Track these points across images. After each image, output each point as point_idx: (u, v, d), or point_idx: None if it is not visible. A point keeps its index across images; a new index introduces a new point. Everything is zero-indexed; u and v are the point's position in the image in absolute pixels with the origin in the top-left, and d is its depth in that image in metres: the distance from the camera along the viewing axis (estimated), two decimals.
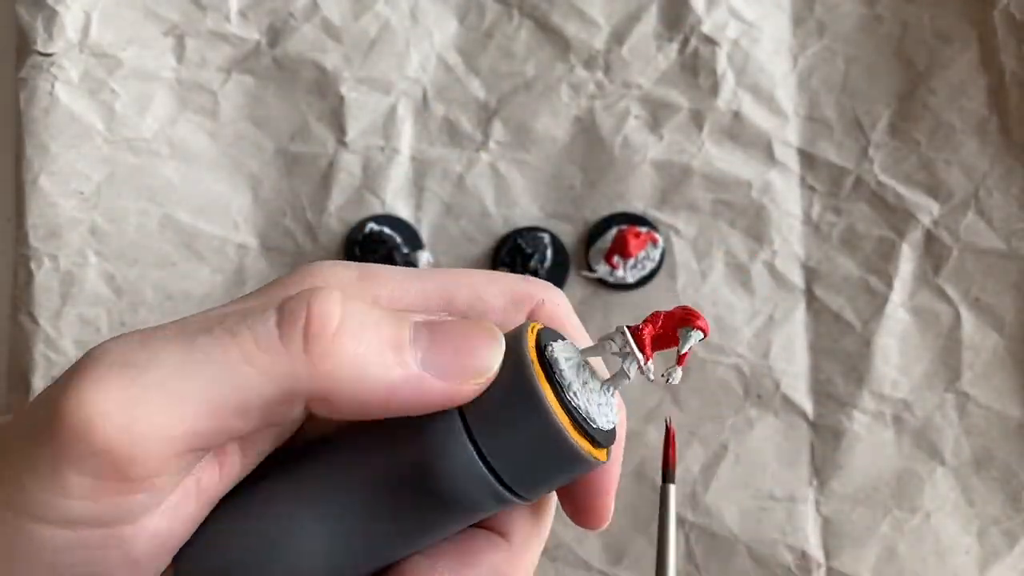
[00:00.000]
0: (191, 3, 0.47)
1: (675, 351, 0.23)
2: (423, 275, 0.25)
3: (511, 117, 0.47)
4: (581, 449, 0.22)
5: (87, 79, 0.46)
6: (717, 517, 0.45)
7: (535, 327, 0.24)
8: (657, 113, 0.46)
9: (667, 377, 0.23)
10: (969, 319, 0.45)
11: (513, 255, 0.45)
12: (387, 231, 0.45)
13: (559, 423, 0.22)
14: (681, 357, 0.23)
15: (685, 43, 0.46)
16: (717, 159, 0.46)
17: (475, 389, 0.23)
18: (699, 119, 0.46)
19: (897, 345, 0.45)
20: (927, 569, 0.44)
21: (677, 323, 0.23)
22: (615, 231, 0.45)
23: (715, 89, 0.46)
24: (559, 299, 0.26)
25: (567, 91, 0.47)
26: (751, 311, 0.46)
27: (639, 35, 0.47)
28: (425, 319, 0.23)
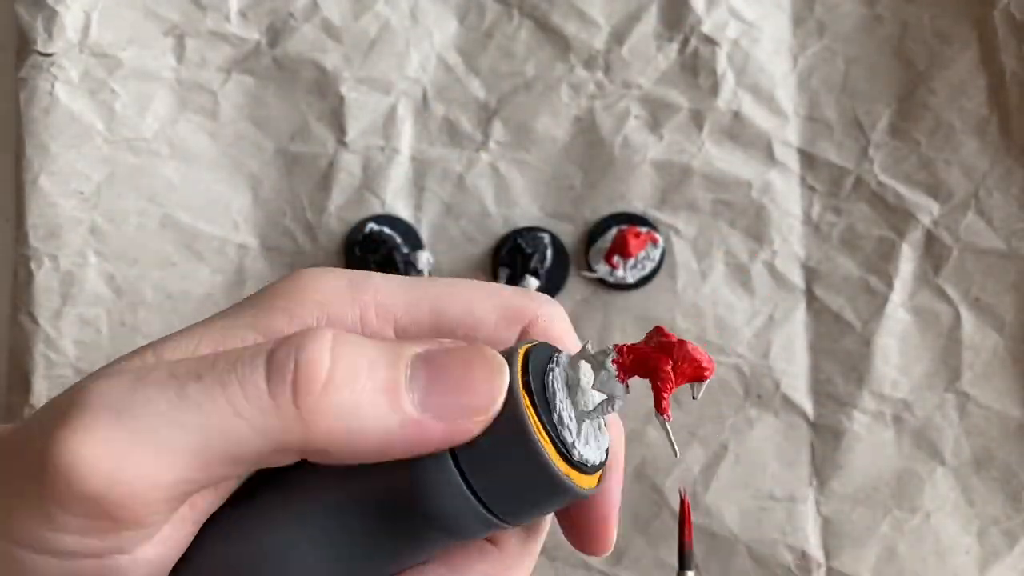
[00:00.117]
0: (191, 3, 0.47)
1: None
2: (415, 284, 0.24)
3: (511, 117, 0.47)
4: (569, 480, 0.22)
5: (87, 79, 0.46)
6: (717, 517, 0.45)
7: (525, 349, 0.23)
8: (657, 113, 0.46)
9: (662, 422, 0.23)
10: (969, 319, 0.45)
11: (513, 255, 0.45)
12: (387, 231, 0.45)
13: (546, 456, 0.21)
14: (664, 406, 0.22)
15: (685, 43, 0.46)
16: (717, 159, 0.46)
17: (477, 428, 0.22)
18: (699, 119, 0.46)
19: (897, 345, 0.45)
20: (927, 569, 0.44)
21: (687, 372, 0.22)
22: (615, 231, 0.45)
23: (715, 89, 0.46)
24: (556, 314, 0.25)
25: (567, 91, 0.47)
26: (751, 311, 0.46)
27: (639, 35, 0.47)
28: (424, 350, 0.22)
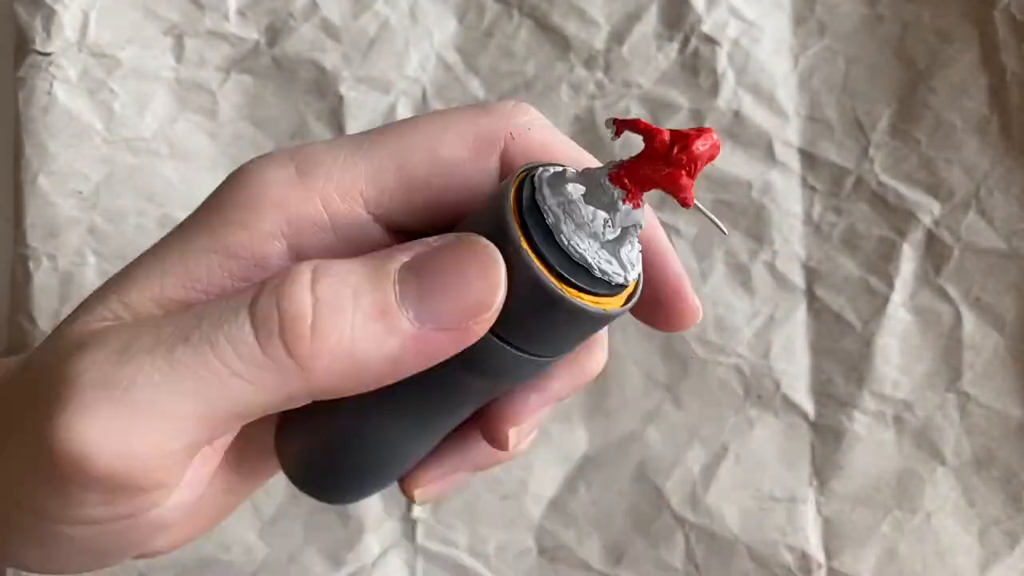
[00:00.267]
0: (190, 3, 0.46)
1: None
2: (368, 146, 0.23)
3: None
4: (593, 308, 0.21)
5: (86, 78, 0.46)
6: (717, 518, 0.45)
7: (518, 180, 0.21)
8: (657, 113, 0.46)
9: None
10: (970, 319, 0.45)
11: None
12: None
13: (561, 294, 0.20)
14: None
15: (685, 43, 0.46)
16: (717, 159, 0.46)
17: (484, 327, 0.21)
18: (699, 119, 0.46)
19: (898, 345, 0.45)
20: (928, 569, 0.44)
21: (700, 161, 0.20)
22: None
23: (715, 89, 0.46)
24: (531, 120, 0.24)
25: (567, 90, 0.46)
26: (751, 311, 0.45)
27: (639, 34, 0.47)
28: (410, 257, 0.21)
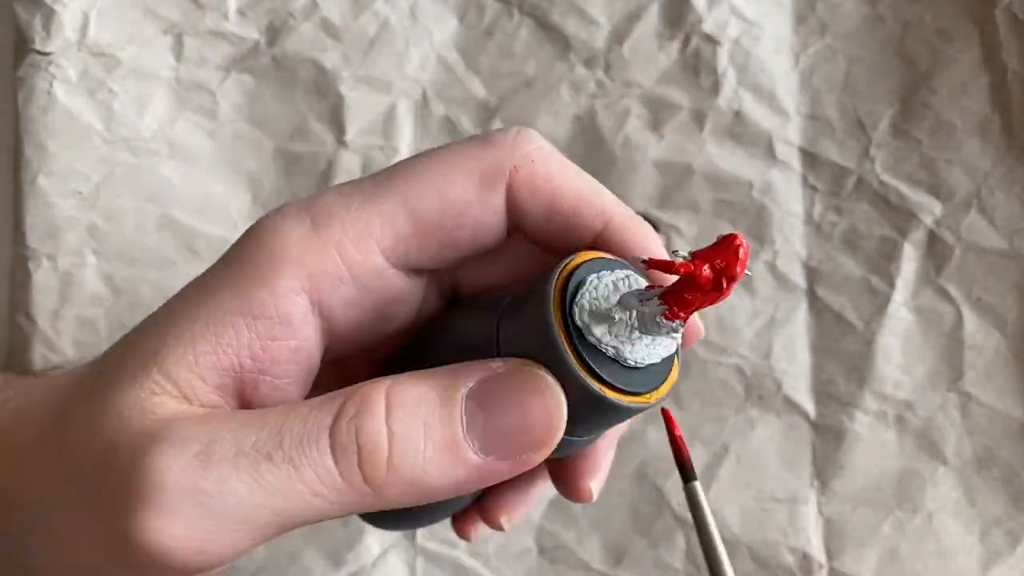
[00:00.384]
0: (190, 2, 0.46)
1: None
2: (378, 194, 0.24)
3: (511, 116, 0.46)
4: (618, 400, 0.22)
5: (85, 78, 0.46)
6: (718, 518, 0.45)
7: (565, 273, 0.22)
8: (658, 112, 0.46)
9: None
10: (971, 319, 0.45)
11: None
12: None
13: (606, 398, 0.21)
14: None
15: (686, 42, 0.46)
16: (718, 158, 0.46)
17: (541, 458, 0.22)
18: (700, 118, 0.46)
19: (899, 345, 0.45)
20: (929, 569, 0.44)
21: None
22: None
23: (716, 88, 0.46)
24: (534, 150, 0.24)
25: (567, 90, 0.46)
26: (752, 311, 0.45)
27: (640, 34, 0.46)
28: (476, 384, 0.22)
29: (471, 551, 0.45)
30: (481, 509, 0.31)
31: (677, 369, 0.23)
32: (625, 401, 0.22)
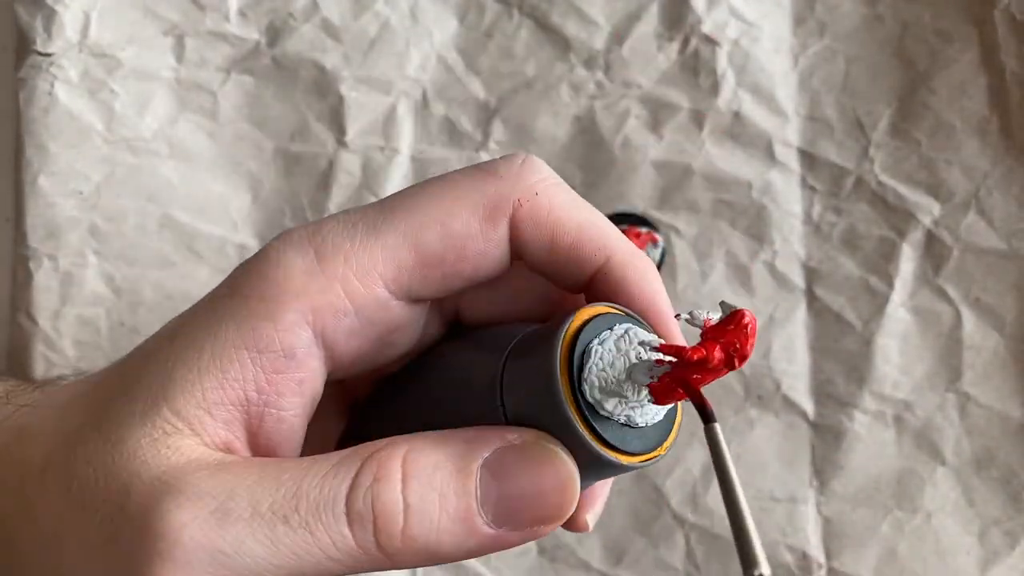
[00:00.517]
0: (191, 3, 0.46)
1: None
2: (381, 225, 0.24)
3: (511, 117, 0.46)
4: (612, 458, 0.22)
5: (86, 79, 0.46)
6: (718, 518, 0.45)
7: (574, 329, 0.23)
8: (657, 113, 0.46)
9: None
10: (970, 319, 0.45)
11: None
12: None
13: (590, 444, 0.22)
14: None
15: (685, 43, 0.46)
16: (717, 159, 0.46)
17: (553, 528, 0.23)
18: (699, 119, 0.46)
19: (898, 345, 0.45)
20: (928, 569, 0.44)
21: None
22: None
23: (715, 89, 0.46)
24: (538, 182, 0.24)
25: (567, 91, 0.46)
26: (751, 311, 0.45)
27: (639, 35, 0.47)
28: (491, 454, 0.23)
29: None
30: None
31: (681, 417, 0.24)
32: (636, 462, 0.23)
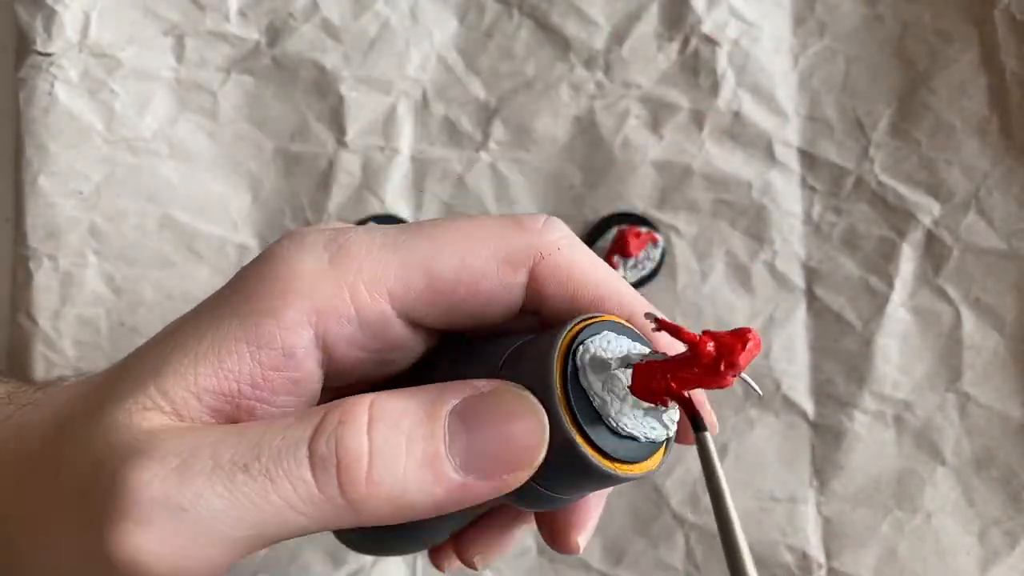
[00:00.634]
0: (191, 3, 0.46)
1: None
2: (401, 246, 0.24)
3: (511, 117, 0.46)
4: (608, 469, 0.22)
5: (86, 79, 0.46)
6: None
7: (572, 333, 0.23)
8: (657, 113, 0.46)
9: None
10: (970, 319, 0.45)
11: None
12: None
13: (583, 452, 0.22)
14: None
15: (685, 43, 0.46)
16: (717, 159, 0.46)
17: (521, 480, 0.22)
18: (699, 119, 0.46)
19: (898, 345, 0.45)
20: (928, 569, 0.44)
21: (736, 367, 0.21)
22: (615, 231, 0.45)
23: (715, 89, 0.46)
24: (560, 239, 0.24)
25: (567, 91, 0.46)
26: (751, 311, 0.45)
27: (639, 35, 0.47)
28: (459, 402, 0.22)
29: None
30: (457, 545, 0.30)
31: (660, 458, 0.23)
32: (592, 456, 0.22)
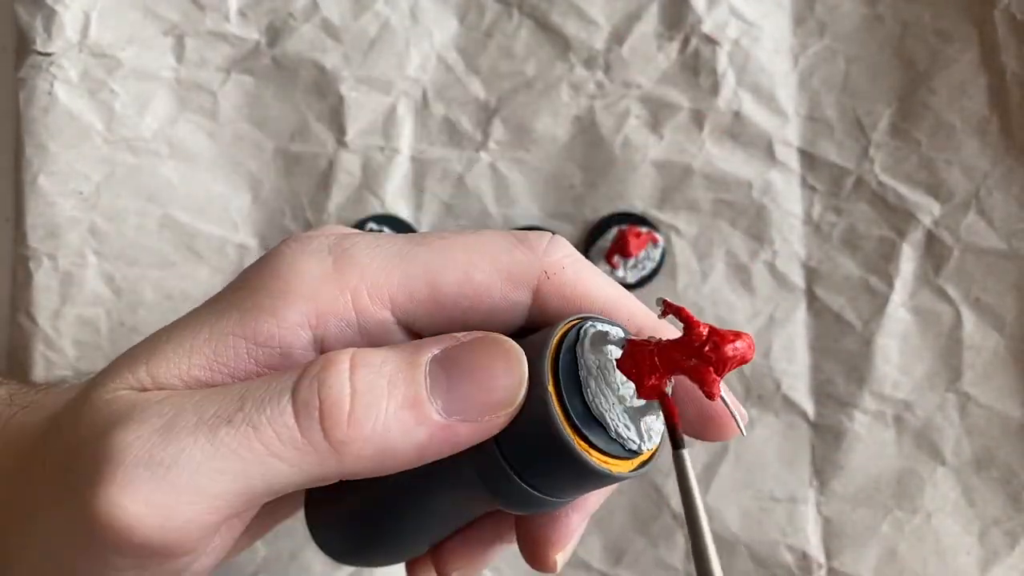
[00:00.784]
0: (191, 3, 0.46)
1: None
2: (405, 255, 0.24)
3: (511, 117, 0.46)
4: (598, 465, 0.22)
5: (86, 79, 0.46)
6: (718, 518, 0.45)
7: (565, 329, 0.23)
8: (657, 113, 0.46)
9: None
10: (970, 319, 0.45)
11: None
12: (387, 231, 0.45)
13: (570, 443, 0.22)
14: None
15: (686, 43, 0.46)
16: (718, 159, 0.46)
17: (504, 421, 0.22)
18: (699, 119, 0.46)
19: (898, 345, 0.45)
20: (928, 570, 0.44)
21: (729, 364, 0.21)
22: (615, 231, 0.45)
23: (715, 89, 0.46)
24: (565, 258, 0.25)
25: (567, 91, 0.46)
26: (752, 311, 0.45)
27: (639, 34, 0.47)
28: (440, 350, 0.22)
29: None
30: (436, 558, 0.30)
31: (633, 466, 0.23)
32: (584, 453, 0.22)
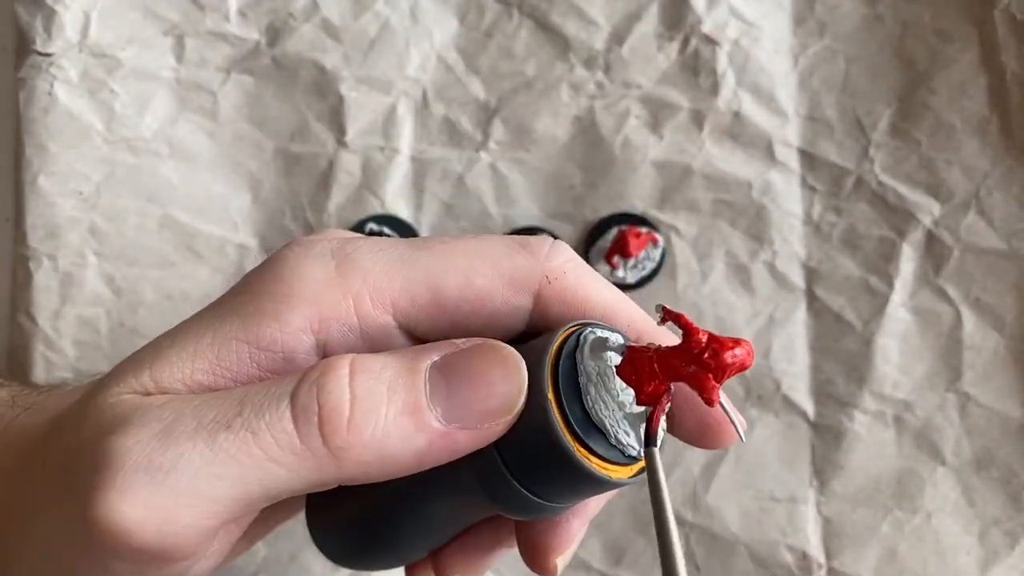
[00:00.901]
0: (191, 3, 0.46)
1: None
2: (408, 260, 0.24)
3: (511, 117, 0.46)
4: (596, 471, 0.22)
5: (86, 79, 0.46)
6: (718, 518, 0.45)
7: (565, 334, 0.23)
8: (657, 113, 0.46)
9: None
10: (970, 319, 0.45)
11: None
12: (387, 231, 0.45)
13: (567, 448, 0.22)
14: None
15: (685, 43, 0.46)
16: (717, 159, 0.46)
17: (503, 428, 0.22)
18: (699, 119, 0.46)
19: (898, 345, 0.45)
20: (928, 570, 0.44)
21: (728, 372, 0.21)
22: (615, 231, 0.45)
23: (715, 89, 0.46)
24: (567, 264, 0.25)
25: (567, 91, 0.46)
26: (751, 311, 0.45)
27: (639, 35, 0.47)
28: (440, 357, 0.22)
29: None
30: (436, 563, 0.30)
31: (633, 472, 0.23)
32: (584, 459, 0.22)
